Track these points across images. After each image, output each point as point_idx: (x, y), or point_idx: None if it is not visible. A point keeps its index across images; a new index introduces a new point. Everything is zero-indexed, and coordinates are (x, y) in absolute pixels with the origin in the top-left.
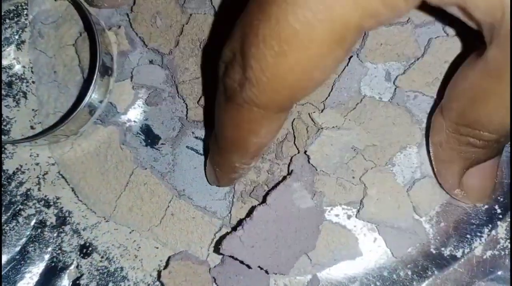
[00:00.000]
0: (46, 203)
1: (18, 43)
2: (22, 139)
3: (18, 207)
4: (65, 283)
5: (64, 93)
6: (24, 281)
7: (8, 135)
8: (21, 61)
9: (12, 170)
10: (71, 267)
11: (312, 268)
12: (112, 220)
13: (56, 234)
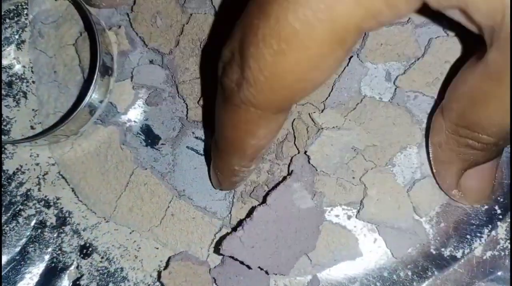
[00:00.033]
0: (46, 203)
1: (18, 43)
2: (22, 139)
3: (18, 207)
4: (65, 284)
5: (64, 93)
6: (24, 282)
7: (8, 135)
8: (21, 61)
9: (12, 170)
10: (71, 268)
11: (312, 269)
12: (112, 221)
13: (56, 235)
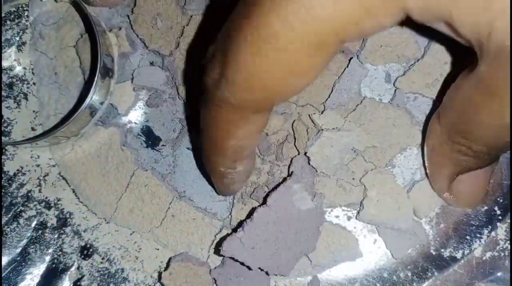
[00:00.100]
0: (47, 205)
1: (19, 44)
2: (23, 140)
3: (19, 209)
4: (66, 285)
5: (65, 94)
6: (25, 283)
7: (9, 136)
8: (22, 62)
9: (13, 172)
10: (72, 269)
11: (312, 269)
12: (113, 222)
13: (57, 236)
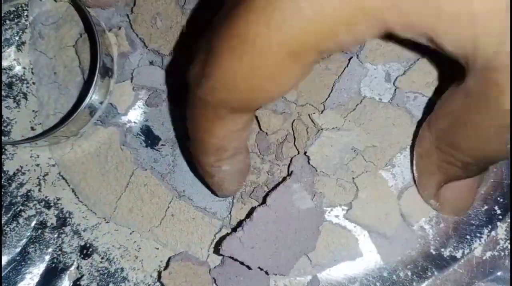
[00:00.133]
0: (47, 204)
1: (19, 44)
2: (23, 140)
3: (19, 208)
4: (66, 284)
5: (65, 94)
6: (25, 282)
7: (9, 136)
8: (22, 62)
9: (13, 171)
10: (72, 268)
11: (312, 269)
12: (113, 221)
13: (57, 235)
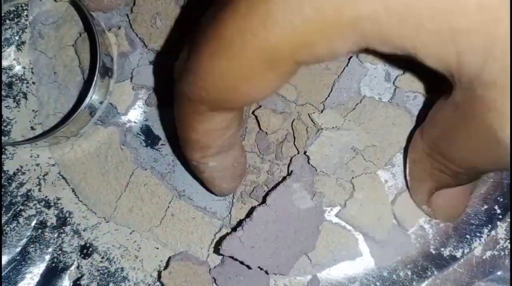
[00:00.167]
0: (47, 204)
1: (18, 44)
2: (22, 141)
3: (19, 208)
4: (66, 284)
5: (64, 94)
6: (25, 282)
7: (9, 136)
8: (21, 62)
9: (13, 171)
10: (72, 268)
11: (312, 269)
12: (113, 221)
13: (57, 235)
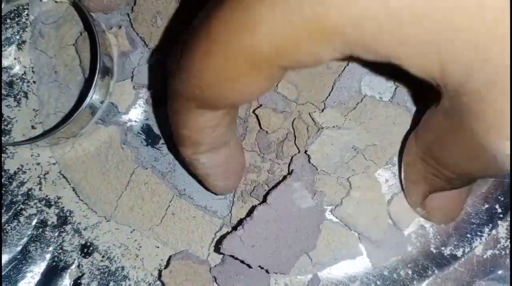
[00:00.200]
0: (47, 203)
1: (19, 43)
2: (23, 141)
3: (19, 207)
4: (66, 283)
5: (65, 93)
6: (25, 281)
7: (9, 135)
8: (22, 61)
9: (13, 170)
10: (72, 267)
11: (313, 268)
12: (113, 220)
13: (57, 234)
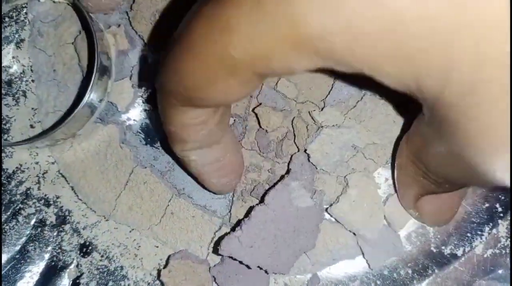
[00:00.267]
0: (46, 202)
1: (18, 42)
2: (21, 141)
3: (18, 206)
4: (65, 282)
5: (64, 92)
6: (24, 280)
7: (8, 134)
8: (21, 60)
9: (12, 169)
10: (71, 266)
11: (312, 267)
12: (112, 219)
13: (56, 233)
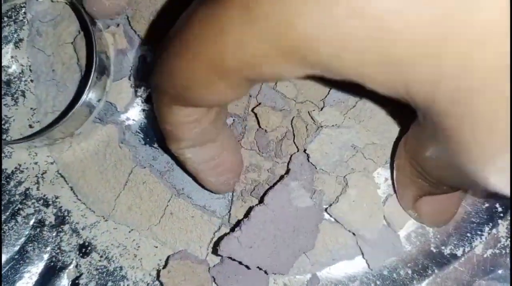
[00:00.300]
0: (45, 202)
1: (16, 41)
2: (20, 139)
3: (17, 207)
4: (64, 283)
5: (63, 91)
6: (23, 281)
7: (7, 134)
8: (20, 59)
9: (11, 169)
10: (70, 267)
11: (312, 267)
12: (111, 219)
13: (55, 234)
